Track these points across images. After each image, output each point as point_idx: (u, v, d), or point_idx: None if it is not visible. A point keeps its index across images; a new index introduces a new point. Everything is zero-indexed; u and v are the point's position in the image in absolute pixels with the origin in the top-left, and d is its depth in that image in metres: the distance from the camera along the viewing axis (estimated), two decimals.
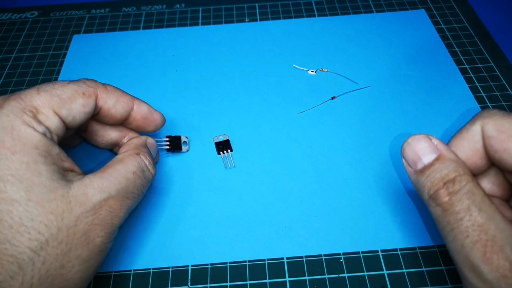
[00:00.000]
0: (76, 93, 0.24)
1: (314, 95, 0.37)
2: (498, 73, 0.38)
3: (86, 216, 0.21)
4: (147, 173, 0.26)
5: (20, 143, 0.21)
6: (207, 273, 0.27)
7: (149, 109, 0.29)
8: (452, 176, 0.21)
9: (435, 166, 0.22)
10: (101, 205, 0.22)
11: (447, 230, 0.21)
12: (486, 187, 0.24)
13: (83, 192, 0.22)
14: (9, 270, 0.19)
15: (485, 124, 0.22)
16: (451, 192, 0.20)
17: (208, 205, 0.30)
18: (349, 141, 0.33)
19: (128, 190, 0.24)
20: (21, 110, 0.22)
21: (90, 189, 0.22)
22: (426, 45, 0.41)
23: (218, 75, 0.39)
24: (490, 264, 0.18)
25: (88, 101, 0.24)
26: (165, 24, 0.45)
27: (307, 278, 0.26)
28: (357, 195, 0.30)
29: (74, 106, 0.24)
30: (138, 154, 0.26)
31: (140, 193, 0.25)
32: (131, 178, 0.24)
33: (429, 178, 0.22)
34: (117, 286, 0.26)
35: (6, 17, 0.47)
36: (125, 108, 0.27)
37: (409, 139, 0.23)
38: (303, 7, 0.46)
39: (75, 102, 0.24)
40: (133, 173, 0.25)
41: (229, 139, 0.33)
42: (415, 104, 0.35)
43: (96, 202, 0.22)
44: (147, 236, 0.28)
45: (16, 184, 0.20)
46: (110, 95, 0.26)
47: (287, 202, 0.30)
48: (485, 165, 0.23)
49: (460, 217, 0.20)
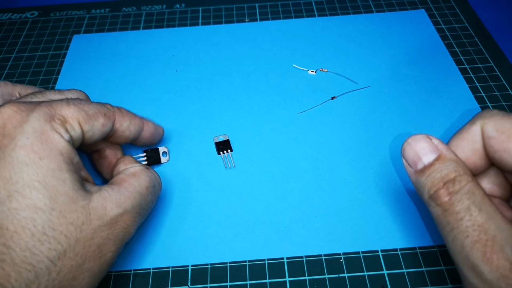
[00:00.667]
0: (99, 112, 0.25)
1: (314, 95, 0.37)
2: (498, 73, 0.38)
3: (102, 230, 0.22)
4: (157, 188, 0.26)
5: (48, 148, 0.21)
6: (207, 273, 0.27)
7: (154, 126, 0.30)
8: (452, 176, 0.21)
9: (435, 166, 0.22)
10: (117, 220, 0.22)
11: (447, 230, 0.21)
12: (486, 187, 0.24)
13: (102, 206, 0.22)
14: (26, 278, 0.19)
15: (485, 124, 0.22)
16: (451, 192, 0.20)
17: (208, 205, 0.30)
18: (349, 141, 0.33)
19: (141, 207, 0.24)
20: (51, 117, 0.22)
21: (109, 203, 0.22)
22: (426, 45, 0.41)
23: (218, 75, 0.39)
24: (490, 264, 0.18)
25: (107, 122, 0.25)
26: (165, 24, 0.45)
27: (307, 278, 0.26)
28: (357, 195, 0.30)
29: (96, 124, 0.24)
30: (148, 169, 0.27)
31: (149, 209, 0.26)
32: (144, 193, 0.25)
33: (429, 178, 0.22)
34: (117, 286, 0.26)
35: (6, 17, 0.47)
36: (137, 129, 0.28)
37: (409, 139, 0.23)
38: (303, 7, 0.46)
39: (97, 120, 0.25)
40: (146, 188, 0.25)
41: (229, 139, 0.33)
42: (415, 104, 0.35)
43: (113, 216, 0.22)
44: (147, 236, 0.28)
45: (42, 192, 0.20)
46: (125, 118, 0.27)
47: (287, 202, 0.30)
48: (484, 165, 0.23)
49: (460, 217, 0.20)
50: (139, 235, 0.28)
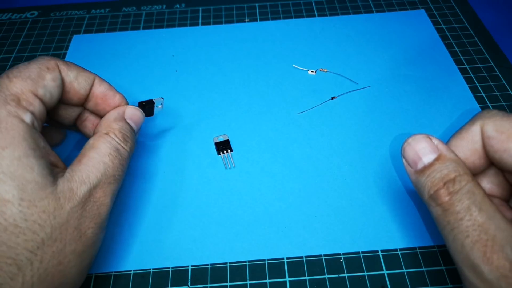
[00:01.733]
0: (41, 70, 0.23)
1: (314, 95, 0.37)
2: (498, 73, 0.38)
3: (75, 211, 0.21)
4: (122, 151, 0.25)
5: (9, 136, 0.20)
6: (207, 273, 0.27)
7: (110, 88, 0.27)
8: (452, 176, 0.21)
9: (435, 166, 0.22)
10: (87, 197, 0.22)
11: (447, 230, 0.21)
12: (485, 187, 0.24)
13: (69, 188, 0.21)
14: (8, 271, 0.19)
15: (485, 124, 0.22)
16: (451, 192, 0.20)
17: (208, 205, 0.30)
18: (349, 141, 0.33)
19: (108, 175, 0.23)
20: (3, 101, 0.21)
21: (74, 183, 0.22)
22: (426, 45, 0.41)
23: (218, 75, 0.39)
24: (490, 264, 0.18)
25: (55, 74, 0.24)
26: (165, 24, 0.45)
27: (307, 278, 0.26)
28: (357, 195, 0.30)
29: (47, 83, 0.23)
30: (108, 134, 0.25)
31: (121, 173, 0.24)
32: (107, 161, 0.24)
33: (429, 178, 0.22)
34: (117, 286, 0.26)
35: (6, 17, 0.47)
36: (87, 81, 0.26)
37: (409, 139, 0.23)
38: (303, 7, 0.46)
39: (45, 78, 0.23)
40: (108, 155, 0.24)
41: (229, 139, 0.33)
42: (415, 104, 0.35)
43: (82, 195, 0.22)
44: (147, 236, 0.28)
45: (8, 183, 0.19)
46: (71, 68, 0.25)
47: (287, 202, 0.30)
48: (483, 165, 0.23)
49: (460, 217, 0.20)
50: (139, 235, 0.28)
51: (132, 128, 0.27)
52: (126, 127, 0.26)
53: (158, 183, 0.31)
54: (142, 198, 0.30)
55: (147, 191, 0.31)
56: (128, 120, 0.27)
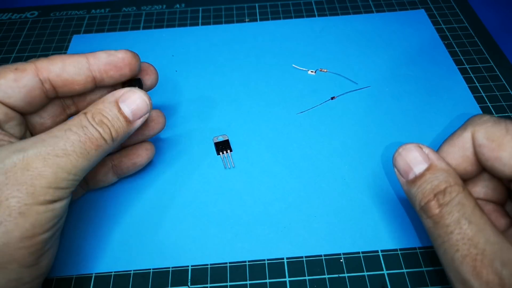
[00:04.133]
0: (6, 70, 0.23)
1: (314, 95, 0.37)
2: (498, 73, 0.38)
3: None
4: (90, 129, 0.22)
5: None
6: (207, 273, 0.27)
7: (108, 53, 0.25)
8: (443, 187, 0.21)
9: (426, 176, 0.21)
10: (14, 164, 0.20)
11: (438, 243, 0.20)
12: (480, 191, 0.24)
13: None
14: None
15: (476, 131, 0.22)
16: (441, 204, 0.20)
17: (208, 205, 0.30)
18: (349, 141, 0.33)
19: (55, 147, 0.21)
20: None
21: (4, 151, 0.21)
22: (426, 45, 0.41)
23: (218, 75, 0.39)
24: (480, 279, 0.18)
25: (21, 75, 0.23)
26: (165, 24, 0.45)
27: (307, 278, 0.26)
28: (356, 195, 0.30)
29: (4, 82, 0.23)
30: (85, 113, 0.23)
31: (78, 149, 0.22)
32: (61, 135, 0.22)
33: (420, 189, 0.21)
34: (117, 286, 0.26)
35: (6, 17, 0.47)
36: (77, 66, 0.24)
37: (400, 148, 0.23)
38: (303, 7, 0.46)
39: (4, 78, 0.23)
40: (66, 130, 0.22)
41: (228, 139, 0.33)
42: (415, 104, 0.35)
43: (8, 162, 0.20)
44: (147, 236, 0.28)
45: None
46: (53, 62, 0.24)
47: (287, 202, 0.30)
48: (476, 171, 0.23)
49: (450, 230, 0.20)
50: (139, 235, 0.28)
51: (124, 114, 0.24)
52: (111, 110, 0.24)
53: (158, 183, 0.31)
54: (141, 198, 0.30)
55: (147, 191, 0.31)
56: (122, 104, 0.24)
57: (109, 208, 0.30)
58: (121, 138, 0.24)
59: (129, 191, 0.30)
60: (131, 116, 0.24)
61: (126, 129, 0.24)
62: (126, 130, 0.24)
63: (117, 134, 0.24)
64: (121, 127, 0.24)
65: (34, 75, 0.23)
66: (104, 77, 0.25)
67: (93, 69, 0.25)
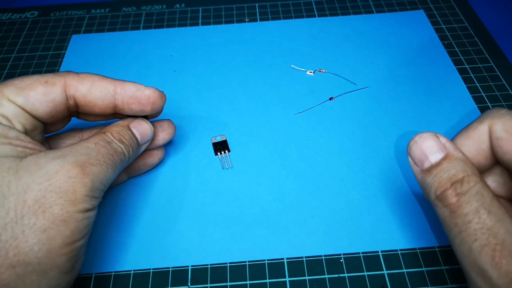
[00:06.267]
0: (36, 82, 0.23)
1: (312, 95, 0.37)
2: (498, 73, 0.38)
3: (38, 183, 0.20)
4: (114, 145, 0.24)
5: None
6: (207, 273, 0.27)
7: (136, 87, 0.26)
8: (460, 176, 0.20)
9: (443, 165, 0.21)
10: (57, 171, 0.20)
11: (454, 233, 0.20)
12: (490, 185, 0.24)
13: (35, 162, 0.21)
14: None
15: (494, 124, 0.21)
16: (459, 193, 0.20)
17: (207, 206, 0.30)
18: (347, 142, 0.33)
19: (90, 156, 0.22)
20: None
21: (44, 159, 0.21)
22: (425, 46, 0.41)
23: (217, 75, 0.39)
24: (499, 269, 0.18)
25: (50, 89, 0.24)
26: (165, 24, 0.45)
27: (307, 278, 0.26)
28: (354, 196, 0.30)
29: (33, 94, 0.23)
30: (104, 132, 0.25)
31: (107, 160, 0.23)
32: (92, 147, 0.23)
33: (436, 178, 0.21)
34: (117, 286, 0.26)
35: (6, 17, 0.47)
36: (104, 92, 0.25)
37: (416, 137, 0.22)
38: (303, 7, 0.46)
39: (34, 90, 0.23)
40: (95, 143, 0.23)
41: (226, 140, 0.33)
42: (414, 105, 0.35)
43: (50, 168, 0.20)
44: (147, 236, 0.28)
45: None
46: (83, 81, 0.25)
47: (285, 202, 0.30)
48: (488, 165, 0.23)
49: (469, 220, 0.19)
50: (139, 235, 0.28)
51: (135, 136, 0.27)
52: (126, 132, 0.26)
53: (157, 183, 0.31)
54: (141, 198, 0.30)
55: (146, 191, 0.31)
56: (133, 129, 0.27)
57: (108, 208, 0.30)
58: (133, 157, 0.27)
59: (128, 192, 0.30)
60: (140, 139, 0.27)
61: (137, 149, 0.27)
62: (137, 150, 0.27)
63: (133, 152, 0.26)
64: (134, 146, 0.26)
65: (62, 90, 0.24)
66: (125, 108, 0.26)
67: (117, 98, 0.26)
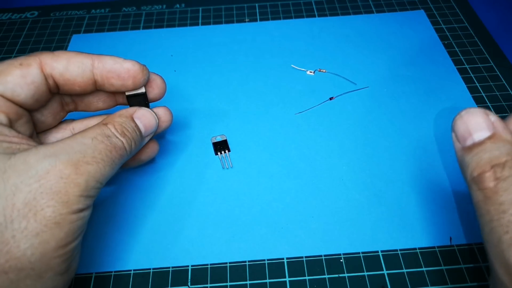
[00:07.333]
0: (11, 66, 0.22)
1: (312, 95, 0.37)
2: (498, 73, 0.38)
3: (28, 184, 0.19)
4: (114, 140, 0.23)
5: None
6: (207, 273, 0.27)
7: (114, 60, 0.24)
8: (503, 159, 0.18)
9: (486, 145, 0.19)
10: (47, 171, 0.19)
11: (485, 220, 0.18)
12: None
13: (24, 161, 0.19)
14: None
15: None
16: (498, 177, 0.18)
17: (207, 206, 0.30)
18: (347, 142, 0.33)
19: (85, 154, 0.21)
20: None
21: (33, 157, 0.20)
22: (425, 46, 0.41)
23: (217, 75, 0.39)
24: None
25: (27, 71, 0.22)
26: (165, 24, 0.45)
27: (307, 278, 0.26)
28: (354, 196, 0.30)
29: (11, 79, 0.22)
30: (105, 124, 0.23)
31: (106, 157, 0.22)
32: (88, 143, 0.21)
33: (475, 158, 0.19)
34: (117, 286, 0.26)
35: (6, 17, 0.47)
36: (81, 67, 0.24)
37: (463, 111, 0.21)
38: (303, 7, 0.46)
39: (11, 74, 0.22)
40: (93, 138, 0.22)
41: (226, 140, 0.33)
42: (414, 105, 0.35)
43: (40, 168, 0.19)
44: (147, 236, 0.28)
45: None
46: (58, 59, 0.23)
47: (285, 202, 0.30)
48: None
49: (503, 209, 0.18)
50: (139, 235, 0.28)
51: (139, 128, 0.25)
52: (129, 123, 0.25)
53: (157, 183, 0.31)
54: (141, 198, 0.30)
55: (146, 191, 0.31)
56: (136, 120, 0.25)
57: (108, 208, 0.30)
58: (135, 150, 0.25)
59: (128, 191, 0.30)
60: (143, 131, 0.26)
61: (140, 142, 0.25)
62: (140, 143, 0.25)
63: (135, 145, 0.25)
64: (137, 140, 0.25)
65: (40, 70, 0.23)
66: (105, 83, 0.25)
67: (96, 72, 0.24)
